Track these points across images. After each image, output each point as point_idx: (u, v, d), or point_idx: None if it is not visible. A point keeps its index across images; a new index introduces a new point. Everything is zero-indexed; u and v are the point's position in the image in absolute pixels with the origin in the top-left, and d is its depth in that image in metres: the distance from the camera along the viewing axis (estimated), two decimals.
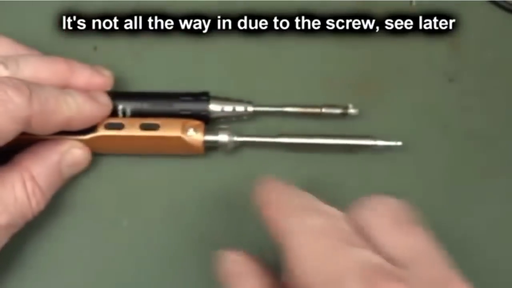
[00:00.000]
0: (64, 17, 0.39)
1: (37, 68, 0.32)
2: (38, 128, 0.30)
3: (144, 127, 0.34)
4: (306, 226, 0.24)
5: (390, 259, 0.23)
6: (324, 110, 0.36)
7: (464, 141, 0.37)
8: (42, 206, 0.32)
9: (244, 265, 0.28)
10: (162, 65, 0.38)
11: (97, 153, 0.35)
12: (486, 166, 0.37)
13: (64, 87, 0.33)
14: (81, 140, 0.34)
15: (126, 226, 0.36)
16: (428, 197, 0.36)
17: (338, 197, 0.36)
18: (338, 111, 0.36)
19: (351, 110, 0.36)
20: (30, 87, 0.29)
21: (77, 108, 0.31)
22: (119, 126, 0.34)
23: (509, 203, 0.36)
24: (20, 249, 0.35)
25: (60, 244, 0.35)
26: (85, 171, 0.35)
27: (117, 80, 0.35)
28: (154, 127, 0.34)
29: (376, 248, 0.23)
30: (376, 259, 0.22)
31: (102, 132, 0.34)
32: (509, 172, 0.37)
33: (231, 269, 0.28)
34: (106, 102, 0.34)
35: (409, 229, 0.25)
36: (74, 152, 0.34)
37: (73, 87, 0.33)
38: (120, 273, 0.35)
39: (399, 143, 0.35)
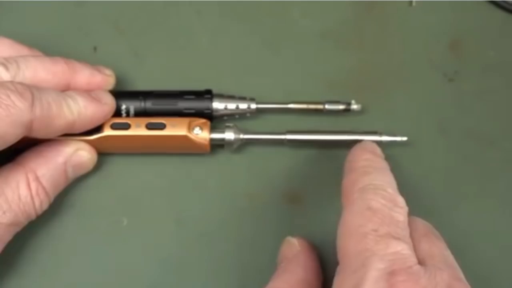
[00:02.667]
0: (64, 18, 0.39)
1: (38, 69, 0.32)
2: (40, 132, 0.30)
3: (150, 126, 0.34)
4: (365, 203, 0.28)
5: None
6: (327, 106, 0.36)
7: (463, 141, 0.37)
8: (45, 206, 0.33)
9: (297, 249, 0.32)
10: (162, 65, 0.38)
11: (101, 153, 0.35)
12: (485, 166, 0.37)
13: (65, 87, 0.33)
14: (87, 141, 0.34)
15: (126, 225, 0.36)
16: (427, 195, 0.36)
17: (340, 194, 0.36)
18: (341, 107, 0.36)
19: (354, 106, 0.36)
20: (32, 91, 0.29)
21: (79, 111, 0.32)
22: (125, 126, 0.34)
23: (508, 203, 0.36)
24: (21, 247, 0.35)
25: (61, 242, 0.35)
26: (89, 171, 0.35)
27: (117, 80, 0.35)
28: (160, 127, 0.34)
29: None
30: (409, 255, 0.26)
31: (108, 132, 0.34)
32: (508, 172, 0.37)
33: (286, 251, 0.32)
34: (109, 102, 0.33)
35: (435, 240, 0.29)
36: (80, 154, 0.34)
37: (74, 87, 0.33)
38: (120, 272, 0.35)
39: (405, 139, 0.36)
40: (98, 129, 0.34)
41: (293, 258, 0.32)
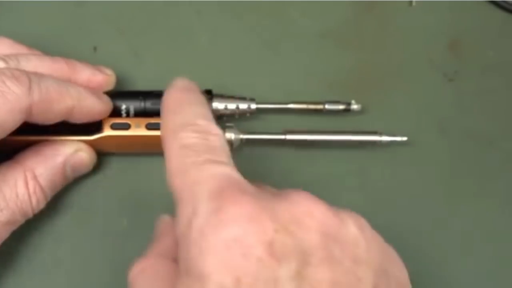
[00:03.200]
0: (64, 18, 0.39)
1: (38, 67, 0.32)
2: (39, 117, 0.30)
3: (150, 126, 0.34)
4: (178, 142, 0.27)
5: None
6: (327, 106, 0.36)
7: (463, 141, 0.37)
8: (42, 205, 0.32)
9: (169, 224, 0.30)
10: (162, 65, 0.38)
11: (101, 153, 0.35)
12: (485, 166, 0.37)
13: None
14: (87, 141, 0.34)
15: (126, 225, 0.36)
16: (426, 195, 0.36)
17: (341, 192, 0.37)
18: (341, 107, 0.36)
19: (354, 106, 0.36)
20: (29, 76, 0.29)
21: (79, 97, 0.31)
22: (125, 126, 0.34)
23: (508, 203, 0.36)
24: (21, 247, 0.34)
25: (61, 242, 0.35)
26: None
27: (117, 80, 0.35)
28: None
29: None
30: (234, 174, 0.25)
31: (108, 132, 0.34)
32: (508, 172, 0.37)
33: (159, 227, 0.31)
34: (107, 101, 0.33)
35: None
36: (79, 155, 0.34)
37: None
38: (120, 272, 0.35)
39: (405, 139, 0.35)
40: (98, 129, 0.34)
41: (163, 230, 0.31)
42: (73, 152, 0.33)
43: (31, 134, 0.32)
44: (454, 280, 0.35)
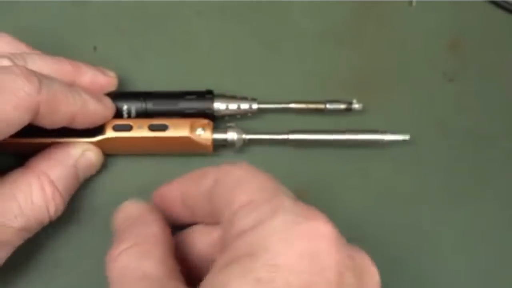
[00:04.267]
0: (64, 18, 0.39)
1: (43, 67, 0.32)
2: (45, 119, 0.30)
3: (152, 128, 0.34)
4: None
5: None
6: (328, 105, 0.36)
7: (463, 141, 0.37)
8: (60, 211, 0.32)
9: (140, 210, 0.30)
10: (162, 65, 0.38)
11: (104, 154, 0.35)
12: (485, 166, 0.37)
13: None
14: (90, 143, 0.34)
15: None
16: (427, 194, 0.36)
17: (343, 192, 0.37)
18: (342, 106, 0.36)
19: (355, 106, 0.36)
20: (39, 77, 0.29)
21: (82, 103, 0.31)
22: (128, 128, 0.34)
23: (508, 203, 0.36)
24: (21, 247, 0.34)
25: (61, 242, 0.35)
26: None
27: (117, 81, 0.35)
28: (163, 128, 0.34)
29: None
30: None
31: (110, 134, 0.34)
32: (508, 172, 0.37)
33: (126, 215, 0.30)
34: (109, 106, 0.34)
35: None
36: (88, 155, 0.34)
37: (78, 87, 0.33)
38: None
39: (407, 137, 0.35)
40: (100, 131, 0.34)
41: (125, 228, 0.29)
42: (81, 153, 0.33)
43: (34, 136, 0.32)
44: (453, 280, 0.35)
